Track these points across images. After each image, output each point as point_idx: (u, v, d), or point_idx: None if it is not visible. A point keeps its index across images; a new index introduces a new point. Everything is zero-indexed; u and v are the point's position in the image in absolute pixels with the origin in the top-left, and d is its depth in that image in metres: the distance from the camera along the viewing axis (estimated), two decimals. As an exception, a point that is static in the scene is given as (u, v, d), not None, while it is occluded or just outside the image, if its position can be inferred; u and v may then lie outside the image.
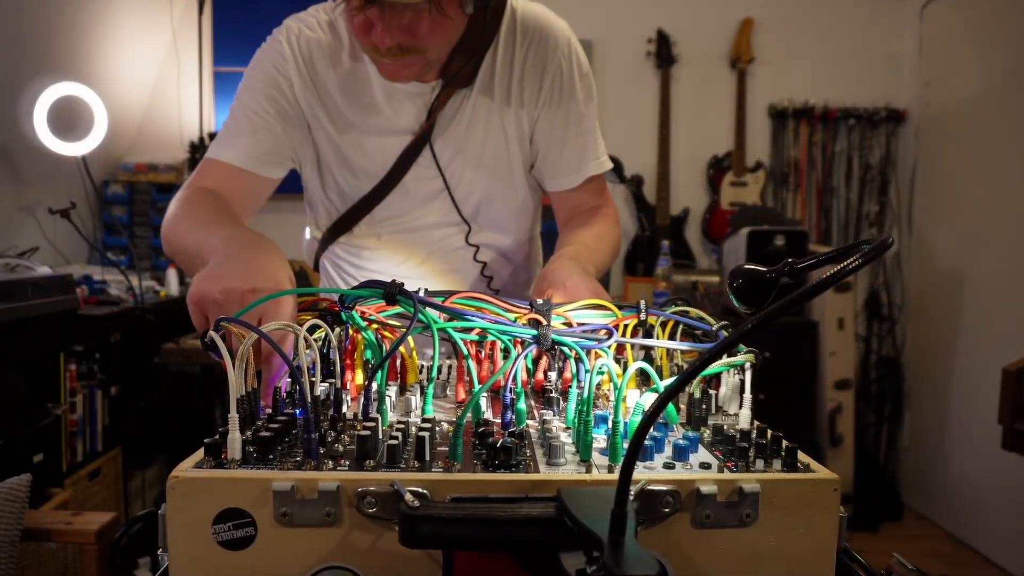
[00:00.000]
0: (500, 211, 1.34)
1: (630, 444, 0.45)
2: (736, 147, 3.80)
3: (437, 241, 1.34)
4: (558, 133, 1.28)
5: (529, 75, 1.25)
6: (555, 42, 1.25)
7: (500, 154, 1.29)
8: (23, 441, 2.01)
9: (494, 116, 1.26)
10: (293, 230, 3.53)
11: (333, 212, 1.34)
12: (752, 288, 0.71)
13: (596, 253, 1.20)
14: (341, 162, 1.28)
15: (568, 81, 1.26)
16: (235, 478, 0.54)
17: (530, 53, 1.25)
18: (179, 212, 1.10)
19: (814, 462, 0.61)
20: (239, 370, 0.62)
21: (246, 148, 1.19)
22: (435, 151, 1.25)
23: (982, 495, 3.21)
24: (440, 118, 1.24)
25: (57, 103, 2.79)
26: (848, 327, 3.33)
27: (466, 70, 1.22)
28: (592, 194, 1.35)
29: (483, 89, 1.24)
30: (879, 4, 3.84)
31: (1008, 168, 3.13)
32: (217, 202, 1.12)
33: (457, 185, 1.29)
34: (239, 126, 1.20)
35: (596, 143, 1.32)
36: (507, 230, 1.36)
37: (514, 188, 1.33)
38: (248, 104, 1.21)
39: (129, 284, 2.72)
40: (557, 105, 1.27)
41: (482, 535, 0.49)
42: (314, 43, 1.22)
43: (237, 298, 0.78)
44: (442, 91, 1.22)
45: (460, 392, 0.80)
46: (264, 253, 0.88)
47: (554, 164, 1.31)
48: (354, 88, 1.23)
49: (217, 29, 3.70)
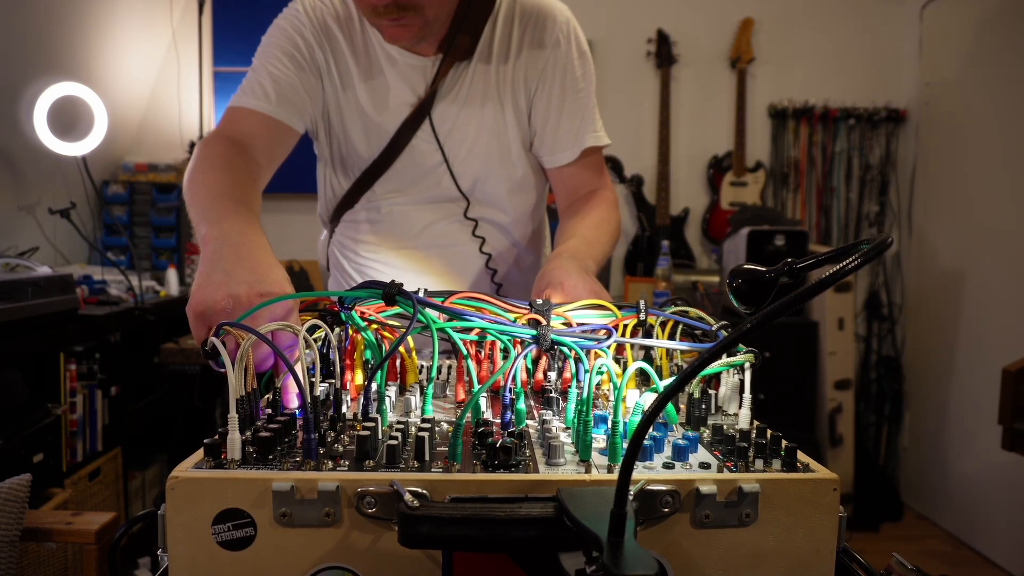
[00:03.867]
0: (498, 186, 1.35)
1: (629, 444, 0.45)
2: (736, 147, 3.80)
3: (436, 215, 1.36)
4: (555, 107, 1.31)
5: (527, 51, 1.29)
6: (554, 20, 1.29)
7: (498, 127, 1.32)
8: (23, 441, 2.01)
9: (491, 90, 1.29)
10: (294, 230, 3.54)
11: (338, 189, 1.38)
12: (752, 288, 0.71)
13: (595, 246, 1.21)
14: (345, 131, 1.31)
15: (566, 57, 1.29)
16: (235, 478, 0.54)
17: (528, 29, 1.28)
18: (196, 166, 1.10)
19: (814, 462, 0.61)
20: (239, 371, 0.62)
21: (270, 97, 1.21)
22: (434, 123, 1.29)
23: (982, 495, 3.21)
24: (439, 90, 1.27)
25: (57, 103, 2.79)
26: (848, 327, 3.33)
27: (465, 43, 1.26)
28: (590, 172, 1.36)
29: (481, 63, 1.28)
30: (879, 4, 3.84)
31: (1008, 168, 3.13)
32: (233, 161, 1.11)
33: (455, 159, 1.31)
34: (261, 78, 1.22)
35: (593, 118, 1.34)
36: (505, 207, 1.37)
37: (512, 163, 1.35)
38: (269, 60, 1.24)
39: (129, 284, 2.72)
40: (554, 80, 1.30)
41: (481, 535, 0.49)
42: (328, 12, 1.27)
43: (245, 303, 0.78)
44: (442, 63, 1.26)
45: (460, 392, 0.80)
46: (257, 252, 0.87)
47: (552, 138, 1.33)
48: (362, 58, 1.27)
49: (217, 29, 3.70)
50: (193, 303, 0.79)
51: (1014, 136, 3.10)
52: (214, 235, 0.89)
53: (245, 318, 0.73)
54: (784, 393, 3.13)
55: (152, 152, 3.68)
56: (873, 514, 3.47)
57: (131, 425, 2.72)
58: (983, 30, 3.34)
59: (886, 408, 3.87)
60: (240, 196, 1.02)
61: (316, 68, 1.27)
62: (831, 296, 3.26)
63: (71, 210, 2.72)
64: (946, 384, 3.50)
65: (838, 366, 3.30)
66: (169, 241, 3.51)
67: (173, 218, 3.50)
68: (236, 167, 1.10)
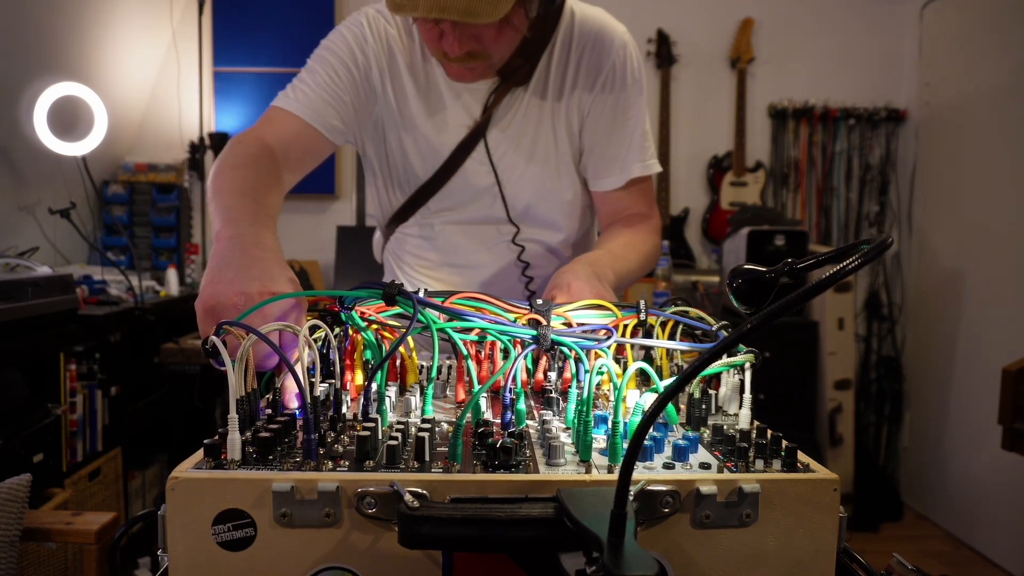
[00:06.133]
0: (550, 209, 1.36)
1: (630, 444, 0.45)
2: (736, 147, 3.80)
3: (485, 237, 1.36)
4: (603, 133, 1.31)
5: (583, 77, 1.29)
6: (611, 45, 1.29)
7: (550, 152, 1.32)
8: (23, 441, 2.01)
9: (546, 114, 1.30)
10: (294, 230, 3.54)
11: (394, 201, 1.39)
12: (752, 288, 0.71)
13: (620, 260, 1.20)
14: (402, 150, 1.32)
15: (620, 82, 1.29)
16: (234, 479, 0.54)
17: (585, 55, 1.29)
18: (225, 162, 1.09)
19: (814, 462, 0.61)
20: (239, 371, 0.62)
21: (316, 105, 1.21)
22: (488, 145, 1.30)
23: (982, 495, 3.21)
24: (495, 114, 1.29)
25: (57, 103, 2.79)
26: (848, 327, 3.33)
27: (523, 70, 1.27)
28: (636, 199, 1.35)
29: (538, 88, 1.29)
30: (879, 4, 3.84)
31: (1008, 168, 3.13)
32: (260, 162, 1.11)
33: (508, 181, 1.32)
34: (313, 84, 1.22)
35: (643, 146, 1.33)
36: (557, 228, 1.38)
37: (564, 187, 1.35)
38: (325, 69, 1.23)
39: (129, 284, 2.72)
40: (604, 106, 1.30)
41: (481, 536, 0.49)
42: (392, 34, 1.28)
43: (256, 301, 0.77)
44: (499, 88, 1.27)
45: (460, 392, 0.80)
46: (267, 255, 0.87)
47: (598, 162, 1.33)
48: (420, 78, 1.28)
49: (217, 29, 3.70)
50: (203, 298, 0.78)
51: (1014, 136, 3.10)
52: (228, 234, 0.90)
53: (250, 314, 0.73)
54: (784, 393, 3.13)
55: (152, 152, 3.68)
56: (873, 514, 3.47)
57: (131, 425, 2.72)
58: (983, 30, 3.34)
59: (886, 408, 3.87)
60: (261, 198, 1.02)
61: (370, 86, 1.27)
62: (831, 296, 3.26)
63: (71, 210, 2.72)
64: (946, 384, 3.50)
65: (838, 366, 3.30)
66: (169, 241, 3.51)
67: (173, 218, 3.50)
68: (261, 168, 1.10)
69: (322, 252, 3.65)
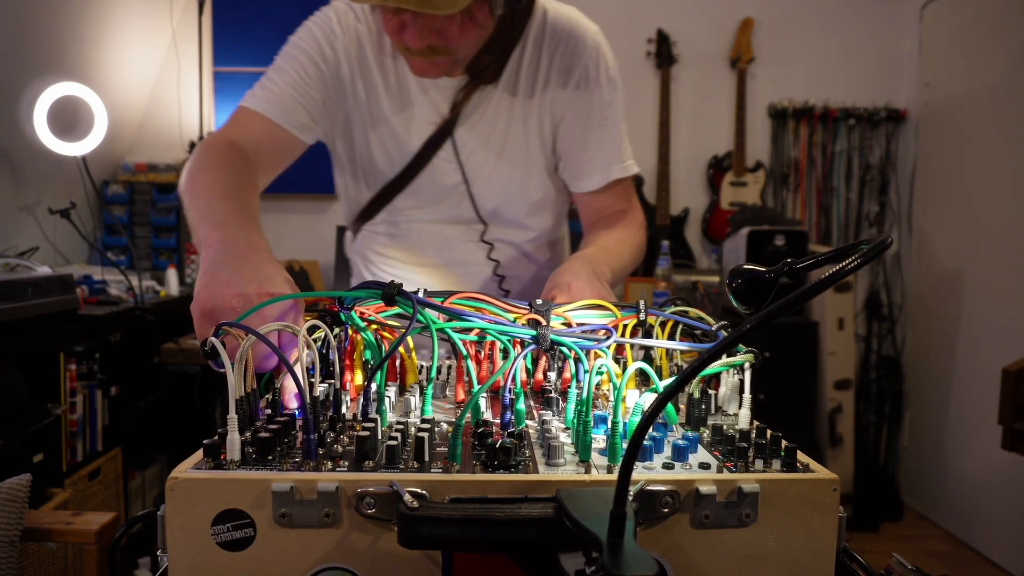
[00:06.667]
0: (518, 209, 1.35)
1: (629, 444, 0.45)
2: (736, 147, 3.80)
3: (453, 236, 1.36)
4: (580, 136, 1.30)
5: (555, 76, 1.28)
6: (583, 45, 1.27)
7: (520, 152, 1.31)
8: (23, 441, 2.01)
9: (516, 114, 1.29)
10: (294, 230, 3.54)
11: (362, 198, 1.37)
12: (752, 288, 0.71)
13: (614, 256, 1.20)
14: (369, 146, 1.31)
15: (593, 84, 1.28)
16: (234, 479, 0.54)
17: (557, 55, 1.27)
18: (198, 166, 1.08)
19: (813, 462, 0.61)
20: (238, 371, 0.62)
21: (284, 104, 1.19)
22: (456, 143, 1.28)
23: (982, 495, 3.21)
24: (464, 112, 1.27)
25: (57, 103, 2.79)
26: (848, 327, 3.33)
27: (492, 68, 1.25)
28: (617, 198, 1.35)
29: (508, 87, 1.27)
30: (879, 4, 3.84)
31: (1008, 168, 3.13)
32: (234, 165, 1.10)
33: (476, 180, 1.31)
34: (280, 82, 1.21)
35: (621, 147, 1.33)
36: (527, 228, 1.37)
37: (533, 187, 1.34)
38: (293, 66, 1.22)
39: (129, 284, 2.72)
40: (579, 109, 1.29)
41: (481, 536, 0.49)
42: (361, 30, 1.26)
43: (255, 302, 0.77)
44: (467, 86, 1.26)
45: (459, 392, 0.80)
46: (260, 255, 0.86)
47: (578, 166, 1.32)
48: (390, 73, 1.27)
49: (217, 29, 3.69)
50: (200, 301, 0.77)
51: (1014, 136, 3.10)
52: (217, 237, 0.89)
53: (248, 315, 0.73)
54: (784, 393, 3.13)
55: (152, 152, 3.68)
56: (873, 514, 3.47)
57: (131, 425, 2.71)
58: (983, 30, 3.34)
59: (886, 408, 3.87)
60: (242, 200, 1.01)
61: (340, 81, 1.25)
62: (831, 296, 3.26)
63: (71, 210, 2.72)
64: (946, 384, 3.50)
65: (838, 366, 3.29)
66: (169, 241, 3.51)
67: (173, 218, 3.50)
68: (237, 170, 1.09)
69: (322, 252, 3.65)
